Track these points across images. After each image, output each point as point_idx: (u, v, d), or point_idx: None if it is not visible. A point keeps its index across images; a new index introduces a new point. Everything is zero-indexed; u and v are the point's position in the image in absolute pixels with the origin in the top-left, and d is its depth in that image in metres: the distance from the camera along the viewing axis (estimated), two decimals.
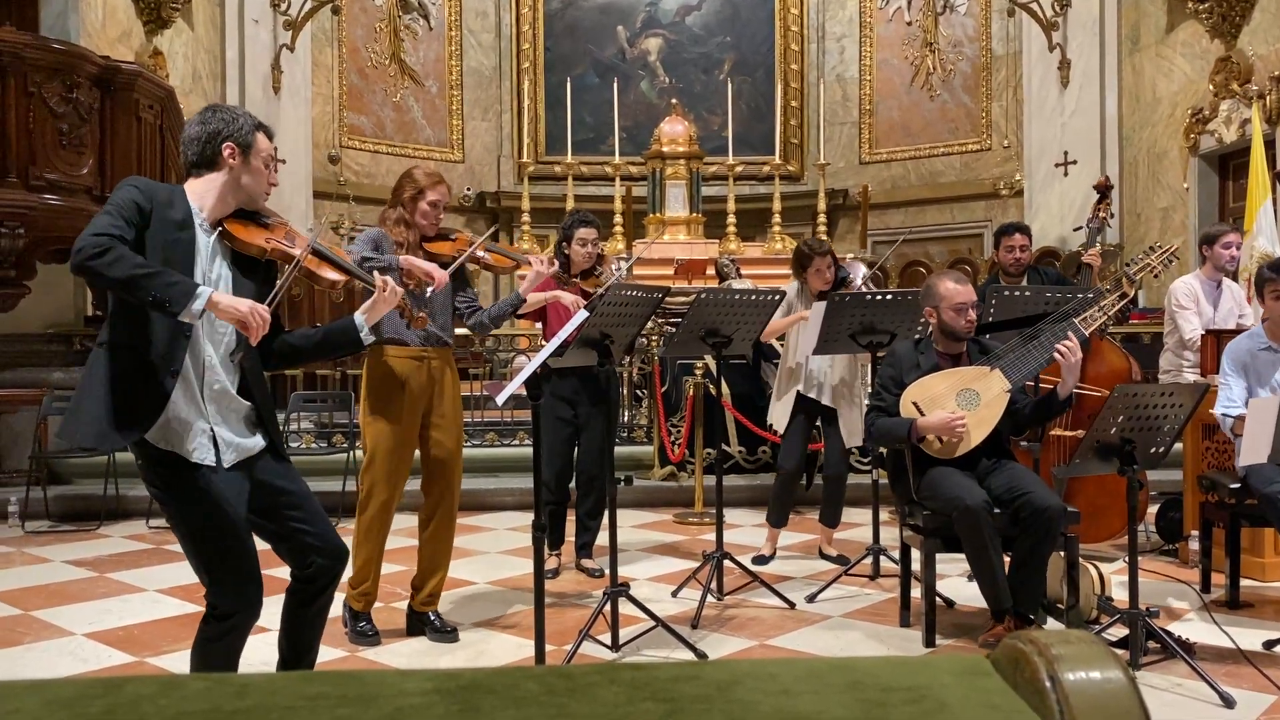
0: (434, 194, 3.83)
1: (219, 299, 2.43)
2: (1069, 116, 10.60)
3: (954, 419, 3.69)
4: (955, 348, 3.94)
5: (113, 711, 0.90)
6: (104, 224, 2.42)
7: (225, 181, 2.63)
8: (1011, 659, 0.99)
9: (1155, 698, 3.17)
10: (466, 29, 12.73)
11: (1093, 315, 3.84)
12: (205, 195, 2.63)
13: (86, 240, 2.36)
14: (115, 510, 6.17)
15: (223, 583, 2.54)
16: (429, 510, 3.90)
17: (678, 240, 10.24)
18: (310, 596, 2.75)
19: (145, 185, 2.56)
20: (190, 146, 2.65)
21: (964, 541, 3.65)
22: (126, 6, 8.63)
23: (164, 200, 2.54)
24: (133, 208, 2.47)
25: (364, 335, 2.77)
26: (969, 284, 3.89)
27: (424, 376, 3.81)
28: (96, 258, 2.34)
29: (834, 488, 4.99)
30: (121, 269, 2.35)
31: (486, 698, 0.94)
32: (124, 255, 2.37)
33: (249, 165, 2.65)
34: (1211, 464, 4.78)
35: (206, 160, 2.63)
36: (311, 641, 2.85)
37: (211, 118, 2.65)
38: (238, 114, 2.68)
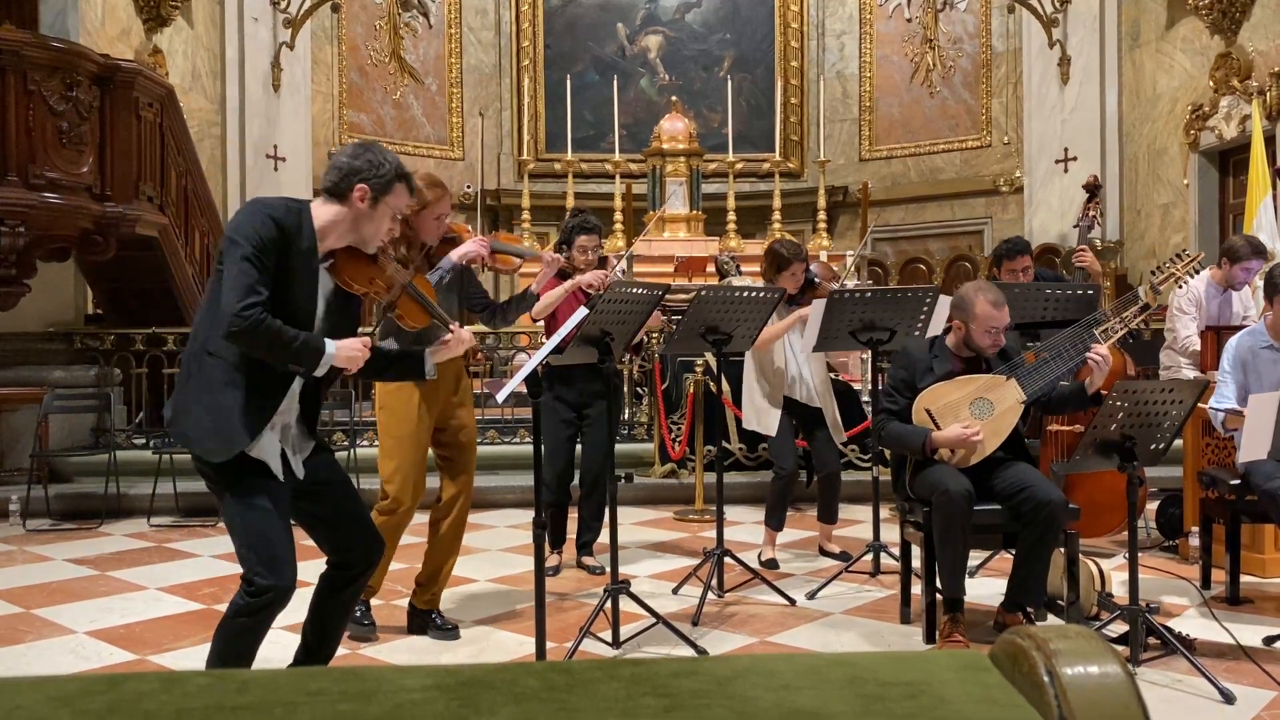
0: (438, 209, 3.72)
1: (340, 351, 2.66)
2: (1069, 113, 10.59)
3: (969, 434, 3.63)
4: (971, 351, 3.84)
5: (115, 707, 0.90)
6: (249, 285, 2.52)
7: (348, 219, 2.71)
8: (1010, 654, 0.99)
9: (1155, 694, 3.18)
10: (466, 26, 12.72)
11: (1113, 328, 3.83)
12: (328, 226, 2.71)
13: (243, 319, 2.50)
14: (116, 508, 6.18)
15: (269, 560, 2.64)
16: (444, 511, 3.86)
17: (678, 238, 10.24)
18: (344, 583, 2.87)
19: (280, 215, 2.62)
20: (330, 173, 2.73)
21: (935, 525, 3.62)
22: (126, 4, 8.63)
23: (293, 229, 2.63)
24: (271, 247, 2.57)
25: (429, 373, 2.95)
26: (1005, 306, 3.74)
27: (435, 384, 3.80)
28: (252, 335, 2.52)
29: (830, 486, 5.00)
30: (271, 346, 2.56)
31: (486, 693, 0.94)
32: (274, 331, 2.55)
33: (374, 213, 2.72)
34: (1212, 460, 4.78)
35: (339, 193, 2.70)
36: (337, 629, 2.96)
37: (361, 154, 2.72)
38: (387, 160, 2.74)
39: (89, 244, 6.56)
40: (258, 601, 2.65)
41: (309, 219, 2.67)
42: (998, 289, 3.82)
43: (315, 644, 2.93)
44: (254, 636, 2.72)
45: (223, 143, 9.97)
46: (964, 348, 3.83)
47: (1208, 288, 5.38)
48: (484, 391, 6.83)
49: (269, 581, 2.63)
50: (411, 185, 2.81)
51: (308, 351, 2.62)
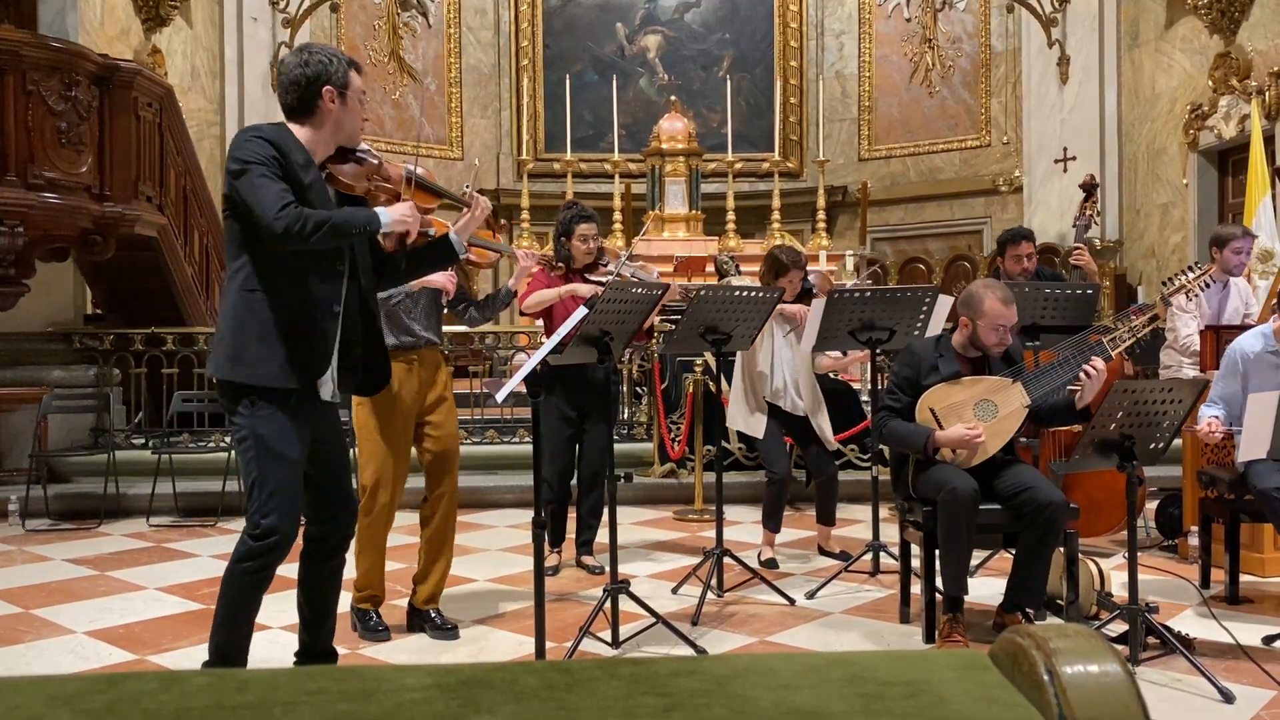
0: None
1: (392, 212, 2.70)
2: (1068, 112, 10.59)
3: (972, 435, 3.63)
4: (977, 353, 3.84)
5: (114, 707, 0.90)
6: (276, 193, 2.56)
7: (329, 124, 2.74)
8: (1010, 653, 0.99)
9: (1155, 693, 3.18)
10: (465, 26, 12.72)
11: (1121, 337, 3.83)
12: (311, 139, 2.73)
13: (285, 217, 2.52)
14: (115, 508, 6.18)
15: (279, 503, 2.67)
16: (431, 508, 3.89)
17: (677, 237, 10.24)
18: (323, 555, 2.91)
19: (270, 135, 2.66)
20: (290, 92, 2.74)
21: (941, 523, 3.61)
22: (125, 4, 8.63)
23: (286, 146, 2.66)
24: (275, 162, 2.61)
25: (460, 251, 2.96)
26: (1014, 305, 3.74)
27: (415, 379, 3.81)
28: (303, 231, 2.54)
29: (828, 490, 5.00)
30: (321, 231, 2.57)
31: (486, 693, 0.94)
32: (315, 219, 2.56)
33: (346, 106, 2.75)
34: (1211, 459, 4.78)
35: (308, 106, 2.72)
36: (330, 602, 2.98)
37: (311, 59, 2.73)
38: (332, 55, 2.76)
39: (88, 244, 6.56)
40: (260, 545, 2.68)
41: (292, 136, 2.71)
42: (1007, 288, 3.81)
43: (313, 620, 2.95)
44: (256, 585, 2.75)
45: (222, 143, 9.96)
46: (969, 347, 3.83)
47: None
48: (484, 391, 6.83)
49: (272, 522, 2.66)
50: (360, 67, 2.84)
51: (359, 219, 2.64)
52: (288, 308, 2.66)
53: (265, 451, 2.68)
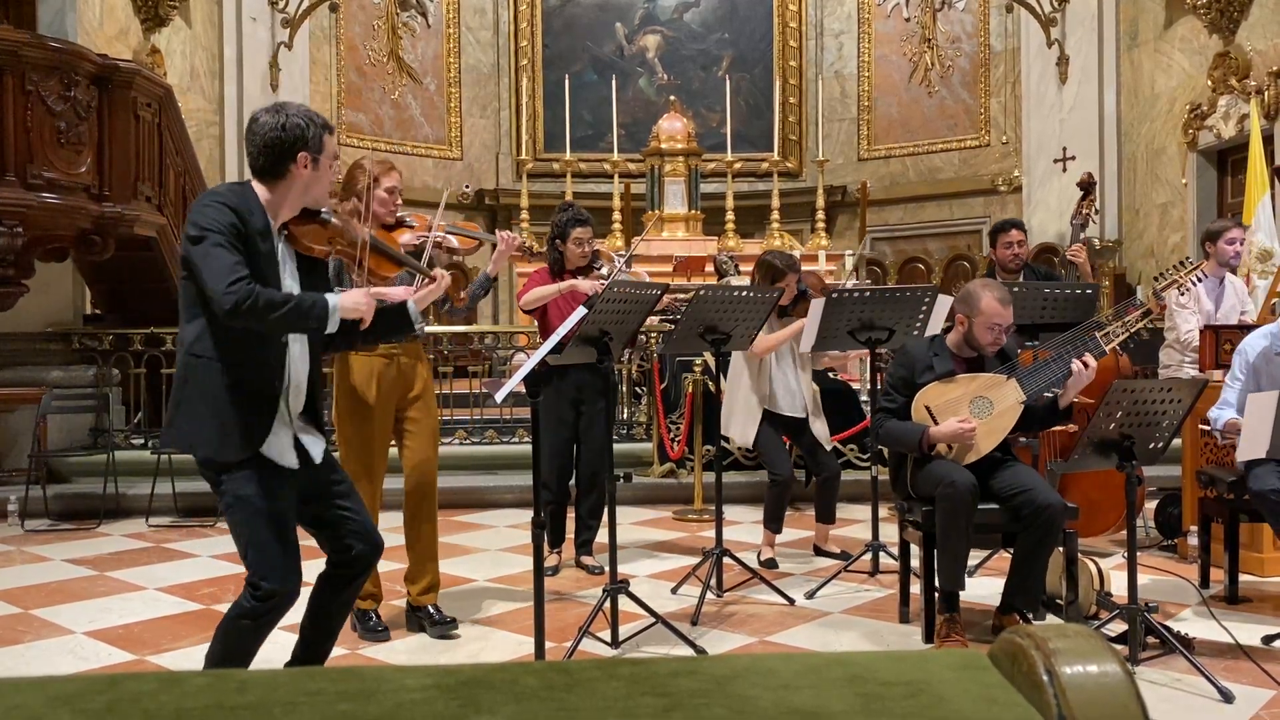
0: (388, 180, 3.81)
1: (344, 301, 2.61)
2: (1067, 112, 10.59)
3: (965, 429, 3.64)
4: (972, 352, 3.85)
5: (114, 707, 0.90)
6: (229, 265, 2.48)
7: (298, 189, 2.66)
8: (1009, 653, 0.99)
9: (1154, 693, 3.18)
10: (465, 26, 12.72)
11: (1115, 331, 3.83)
12: (275, 202, 2.66)
13: (234, 292, 2.45)
14: (115, 509, 6.17)
15: (276, 565, 2.64)
16: (411, 507, 3.88)
17: (676, 237, 10.24)
18: (343, 583, 2.87)
19: (232, 201, 2.58)
20: (263, 154, 2.63)
21: (939, 516, 3.61)
22: (124, 4, 8.62)
23: (246, 212, 2.58)
24: (234, 232, 2.53)
25: (417, 322, 2.87)
26: (1011, 306, 3.76)
27: (394, 373, 3.80)
28: (251, 309, 2.46)
29: (829, 488, 5.00)
30: (274, 312, 2.50)
31: (486, 693, 0.94)
32: (269, 298, 2.50)
33: (318, 171, 2.68)
34: (1210, 459, 4.78)
35: (278, 171, 2.64)
36: (333, 629, 2.95)
37: (288, 123, 2.63)
38: (309, 118, 2.67)
39: (87, 244, 6.56)
40: (262, 606, 2.65)
41: (256, 198, 2.63)
42: (1006, 289, 3.82)
43: (313, 641, 2.93)
44: (255, 639, 2.72)
45: (221, 143, 9.97)
46: (964, 346, 3.83)
47: (1204, 281, 5.39)
48: (483, 391, 6.83)
49: (274, 587, 2.63)
50: (332, 128, 2.77)
51: (310, 308, 2.56)
52: (232, 376, 2.59)
53: (252, 513, 2.62)
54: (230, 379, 2.59)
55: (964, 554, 3.68)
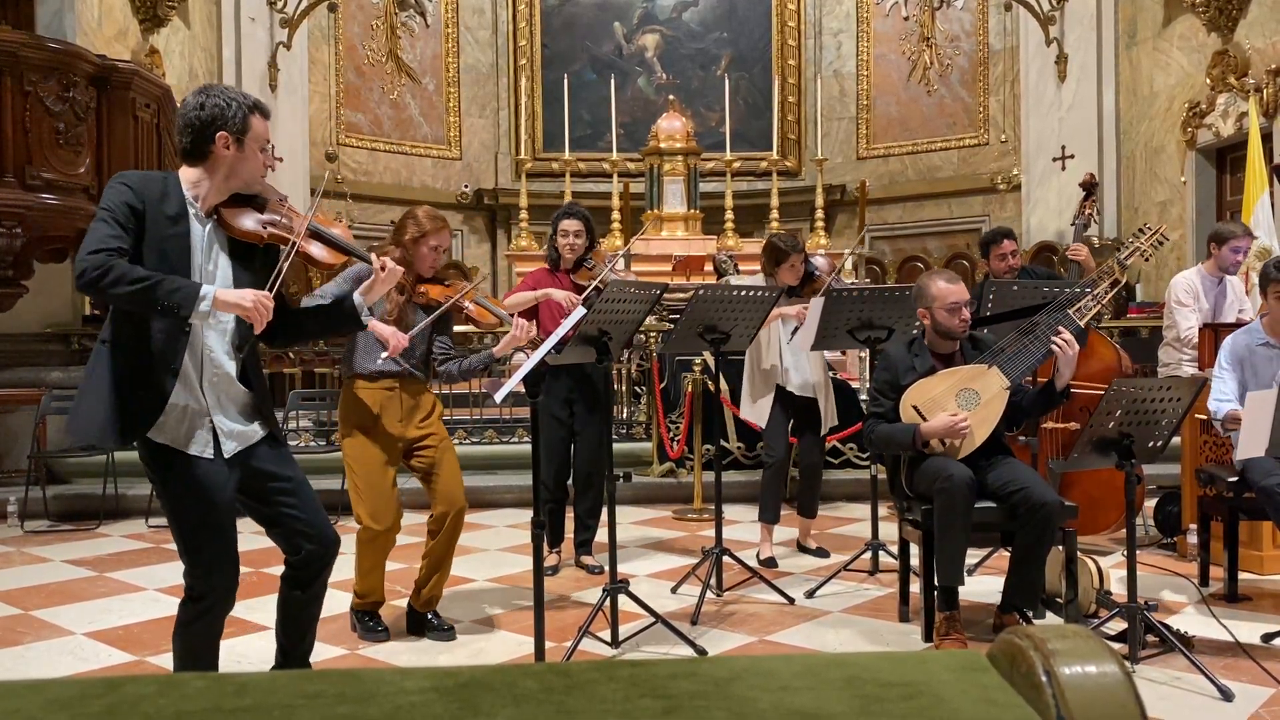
0: (436, 239, 3.77)
1: (222, 295, 2.46)
2: (1066, 111, 10.59)
3: (957, 421, 3.65)
4: (949, 346, 3.88)
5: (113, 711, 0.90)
6: (101, 237, 2.42)
7: (222, 170, 2.59)
8: (1008, 654, 0.99)
9: (1154, 691, 3.18)
10: (464, 26, 12.72)
11: (1087, 305, 3.83)
12: (199, 184, 2.59)
13: (87, 261, 2.38)
14: (114, 509, 6.18)
15: (199, 566, 2.60)
16: (437, 523, 3.83)
17: (675, 236, 10.24)
18: (302, 582, 2.81)
19: (137, 182, 2.53)
20: (184, 134, 2.59)
21: (937, 510, 3.62)
22: (123, 5, 8.62)
23: (156, 195, 2.52)
24: (125, 211, 2.46)
25: (363, 316, 2.81)
26: (961, 282, 3.84)
27: (397, 405, 3.76)
28: (99, 280, 2.38)
29: (810, 479, 5.01)
30: (124, 287, 2.39)
31: (485, 695, 0.94)
32: (124, 272, 2.39)
33: (243, 152, 2.60)
34: (1210, 458, 4.78)
35: (200, 151, 2.58)
36: (305, 628, 2.90)
37: (207, 103, 2.57)
38: (232, 98, 2.60)
39: None
40: (197, 606, 2.62)
41: (176, 184, 2.57)
42: (949, 271, 3.93)
43: (287, 644, 2.89)
44: (207, 638, 2.68)
45: None
46: (938, 340, 3.87)
47: (1203, 280, 5.39)
48: (482, 391, 6.83)
49: (205, 586, 2.59)
50: (265, 111, 2.66)
51: (171, 292, 2.41)
52: (125, 362, 2.53)
53: (180, 510, 2.58)
54: (123, 364, 2.53)
55: (962, 548, 3.68)
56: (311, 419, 7.38)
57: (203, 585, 2.60)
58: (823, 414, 4.93)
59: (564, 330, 3.57)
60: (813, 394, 4.90)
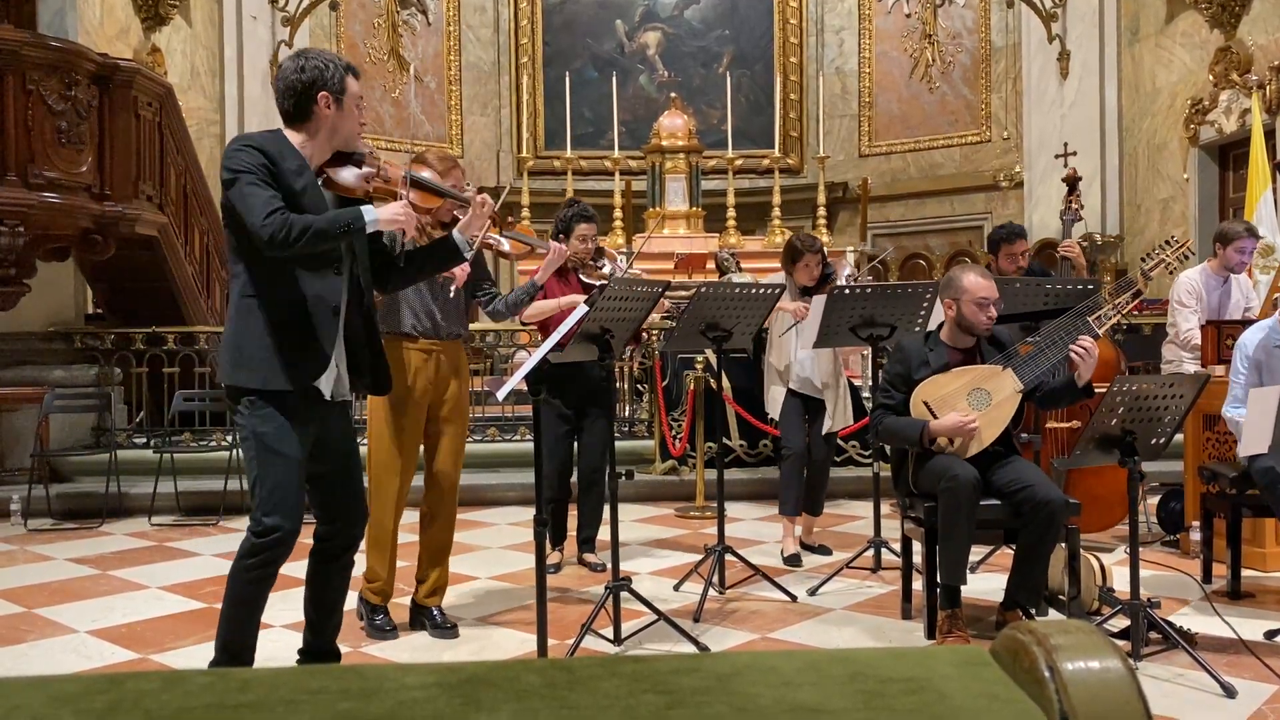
0: (450, 180, 3.80)
1: (381, 213, 2.69)
2: (1068, 108, 10.58)
3: (966, 422, 3.63)
4: (967, 342, 3.86)
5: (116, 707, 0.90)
6: (265, 199, 2.58)
7: (326, 130, 2.76)
8: (1011, 650, 0.99)
9: (1157, 688, 3.18)
10: (465, 24, 12.71)
11: (1107, 314, 3.83)
12: (306, 144, 2.75)
13: (270, 224, 2.55)
14: (117, 508, 6.18)
15: (279, 501, 2.71)
16: (430, 505, 3.88)
17: (677, 234, 10.24)
18: (330, 555, 2.93)
19: (259, 143, 2.69)
20: (286, 98, 2.76)
21: (941, 509, 3.61)
22: (124, 4, 8.62)
23: (277, 153, 2.69)
24: (264, 170, 2.63)
25: (466, 251, 2.96)
26: (993, 280, 3.80)
27: (432, 370, 3.79)
28: (288, 238, 2.56)
29: (819, 475, 5.01)
30: (306, 238, 2.58)
31: (488, 691, 0.94)
32: (300, 224, 2.58)
33: (343, 111, 2.76)
34: (1212, 455, 4.78)
35: (303, 111, 2.74)
36: (335, 601, 3.00)
37: (306, 65, 2.74)
38: (329, 60, 2.78)
39: (88, 243, 6.56)
40: (263, 542, 2.71)
41: (288, 142, 2.74)
42: (983, 267, 3.89)
43: (318, 622, 2.97)
44: (262, 584, 2.77)
45: (222, 141, 9.96)
46: (957, 335, 3.84)
47: (1207, 279, 5.38)
48: (485, 389, 6.83)
49: (274, 521, 2.69)
50: (357, 72, 2.86)
51: (345, 220, 2.64)
52: (284, 311, 2.69)
53: (265, 450, 2.71)
54: (281, 317, 2.69)
55: (966, 548, 3.68)
56: None
57: (276, 519, 2.70)
58: (830, 412, 4.93)
59: (566, 328, 3.57)
60: (815, 393, 4.90)
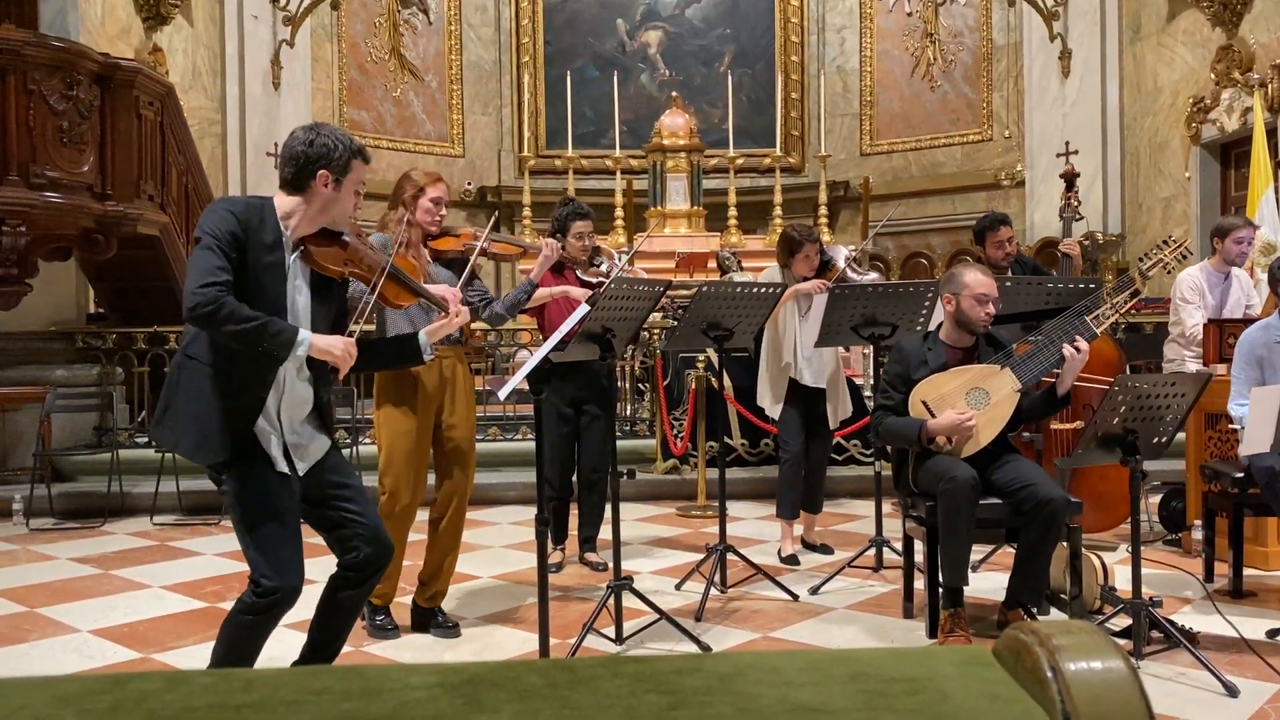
0: (434, 191, 3.85)
1: (318, 342, 2.62)
2: (1070, 106, 10.58)
3: (963, 420, 3.64)
4: (965, 340, 3.86)
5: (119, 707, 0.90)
6: (210, 269, 2.52)
7: (316, 206, 2.71)
8: (1013, 649, 0.99)
9: (1159, 687, 3.18)
10: (466, 23, 12.71)
11: (1104, 314, 3.82)
12: (293, 215, 2.71)
13: (200, 295, 2.48)
14: (119, 507, 6.19)
15: (277, 564, 2.67)
16: (440, 509, 3.86)
17: (679, 233, 10.23)
18: (353, 584, 2.89)
19: (241, 211, 2.62)
20: (288, 165, 2.71)
21: (940, 512, 3.62)
22: (126, 3, 8.63)
23: (256, 224, 2.63)
24: (230, 240, 2.57)
25: (426, 355, 2.93)
26: (993, 277, 3.82)
27: (436, 376, 3.79)
28: (213, 315, 2.49)
29: (816, 474, 5.00)
30: (233, 325, 2.51)
31: (490, 691, 0.94)
32: (234, 310, 2.51)
33: (340, 194, 2.72)
34: (1214, 453, 4.78)
35: (300, 184, 2.70)
36: (341, 629, 2.97)
37: (316, 140, 2.70)
38: (340, 140, 2.73)
39: (90, 243, 6.57)
40: (264, 602, 2.67)
41: (272, 212, 2.69)
42: (984, 266, 3.95)
43: (321, 642, 2.95)
44: (258, 635, 2.74)
45: (223, 141, 9.97)
46: (956, 333, 3.85)
47: (1208, 276, 5.38)
48: (486, 389, 6.83)
49: (276, 584, 2.65)
50: (366, 157, 2.82)
51: (275, 334, 2.56)
52: (218, 383, 2.63)
53: (251, 510, 2.66)
54: (216, 385, 2.63)
55: (967, 549, 3.68)
56: None
57: (278, 580, 2.66)
58: (832, 410, 4.92)
59: (568, 327, 3.57)
60: (823, 385, 4.89)
